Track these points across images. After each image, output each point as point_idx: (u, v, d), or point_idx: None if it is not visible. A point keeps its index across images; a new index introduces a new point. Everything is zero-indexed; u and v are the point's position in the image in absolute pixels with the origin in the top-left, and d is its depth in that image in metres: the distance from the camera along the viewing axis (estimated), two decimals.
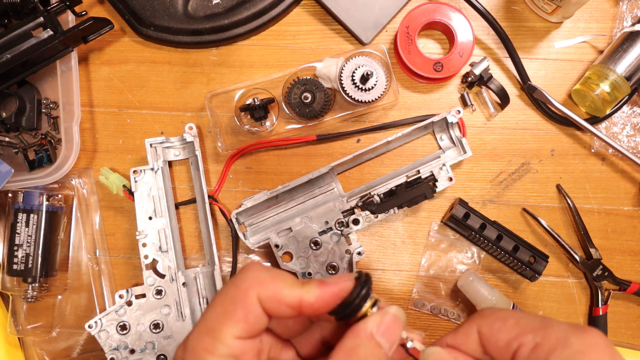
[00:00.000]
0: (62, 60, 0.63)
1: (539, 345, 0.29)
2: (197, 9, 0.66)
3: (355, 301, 0.30)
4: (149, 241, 0.62)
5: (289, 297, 0.30)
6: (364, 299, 0.31)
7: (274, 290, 0.30)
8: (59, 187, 0.65)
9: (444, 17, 0.64)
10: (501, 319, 0.32)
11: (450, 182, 0.63)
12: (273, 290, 0.30)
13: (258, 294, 0.30)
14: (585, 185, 0.67)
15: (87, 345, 0.66)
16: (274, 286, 0.30)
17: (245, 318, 0.30)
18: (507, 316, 0.32)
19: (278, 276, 0.31)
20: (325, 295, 0.31)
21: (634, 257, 0.67)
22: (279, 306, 0.30)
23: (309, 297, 0.30)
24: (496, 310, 0.33)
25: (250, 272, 0.31)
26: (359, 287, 0.31)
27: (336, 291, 0.31)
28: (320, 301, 0.31)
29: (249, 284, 0.30)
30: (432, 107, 0.68)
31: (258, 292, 0.30)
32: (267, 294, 0.30)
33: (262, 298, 0.30)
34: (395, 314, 0.31)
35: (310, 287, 0.31)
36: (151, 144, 0.63)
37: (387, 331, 0.30)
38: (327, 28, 0.69)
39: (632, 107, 0.68)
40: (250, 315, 0.30)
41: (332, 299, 0.31)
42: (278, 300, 0.30)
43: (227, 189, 0.67)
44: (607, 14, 0.68)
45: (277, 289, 0.30)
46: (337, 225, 0.63)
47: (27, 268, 0.62)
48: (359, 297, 0.30)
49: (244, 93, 0.65)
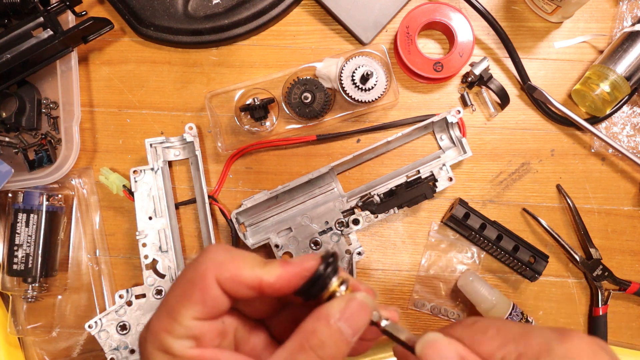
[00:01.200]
0: (62, 60, 0.63)
1: (522, 355, 0.28)
2: (197, 9, 0.66)
3: (320, 280, 0.29)
4: (149, 241, 0.62)
5: (248, 277, 0.30)
6: (329, 277, 0.30)
7: (233, 271, 0.30)
8: (59, 187, 0.65)
9: (444, 17, 0.64)
10: (481, 330, 0.31)
11: (450, 182, 0.63)
12: (232, 271, 0.30)
13: (216, 275, 0.30)
14: (585, 185, 0.67)
15: (87, 345, 0.66)
16: (233, 267, 0.30)
17: (202, 299, 0.30)
18: (487, 326, 0.31)
19: (238, 257, 0.31)
20: (287, 275, 0.30)
21: (634, 257, 0.67)
22: (238, 287, 0.30)
23: (269, 277, 0.30)
24: (476, 321, 0.33)
25: (209, 253, 0.31)
26: (324, 265, 0.30)
27: (298, 270, 0.30)
28: (282, 281, 0.30)
29: (206, 265, 0.30)
30: (432, 107, 0.68)
31: (216, 273, 0.30)
32: (226, 275, 0.30)
33: (220, 279, 0.30)
34: (362, 301, 0.29)
35: (272, 267, 0.30)
36: (151, 144, 0.63)
37: (352, 317, 0.29)
38: (327, 28, 0.69)
39: (632, 107, 0.68)
40: (208, 296, 0.30)
41: (294, 278, 0.30)
42: (237, 281, 0.30)
43: (227, 189, 0.67)
44: (607, 14, 0.68)
45: (236, 270, 0.30)
46: (337, 225, 0.63)
47: (27, 268, 0.62)
48: (323, 276, 0.29)
49: (244, 93, 0.65)
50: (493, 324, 0.31)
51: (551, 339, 0.28)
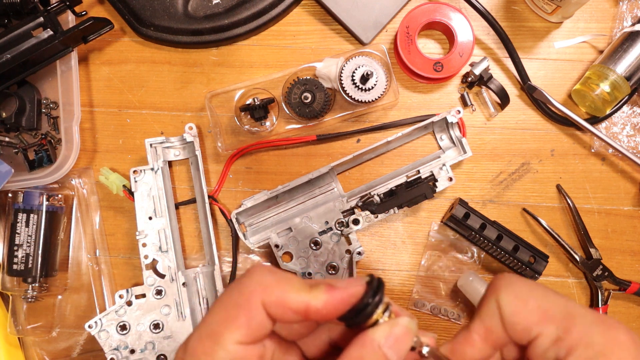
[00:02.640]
0: (62, 60, 0.63)
1: (560, 340, 0.28)
2: (197, 9, 0.66)
3: (367, 309, 0.29)
4: (149, 241, 0.62)
5: (295, 302, 0.29)
6: (375, 306, 0.29)
7: (279, 295, 0.29)
8: (59, 187, 0.65)
9: (444, 17, 0.64)
10: (521, 298, 0.30)
11: (450, 182, 0.63)
12: (278, 295, 0.29)
13: (262, 298, 0.29)
14: (585, 185, 0.67)
15: (87, 345, 0.66)
16: (279, 291, 0.29)
17: (247, 324, 0.29)
18: (528, 295, 0.30)
19: (284, 280, 0.30)
20: (334, 301, 0.29)
21: (634, 257, 0.67)
22: (284, 311, 0.29)
23: (316, 303, 0.29)
24: (515, 283, 0.31)
25: (254, 275, 0.30)
26: (371, 294, 0.29)
27: (345, 297, 0.29)
28: (329, 307, 0.29)
29: (252, 288, 0.29)
30: (432, 107, 0.68)
31: (262, 297, 0.29)
32: (272, 299, 0.29)
33: (266, 303, 0.29)
34: (406, 326, 0.29)
35: (318, 292, 0.29)
36: (151, 144, 0.63)
37: (396, 343, 0.29)
38: (327, 28, 0.69)
39: (632, 107, 0.68)
40: (253, 321, 0.29)
41: (340, 305, 0.29)
42: (283, 305, 0.29)
43: (227, 189, 0.67)
44: (607, 14, 0.68)
45: (282, 293, 0.29)
46: (337, 225, 0.63)
47: (27, 268, 0.62)
48: (370, 305, 0.29)
49: (244, 93, 0.65)
50: (533, 294, 0.30)
51: (593, 328, 0.27)
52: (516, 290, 0.30)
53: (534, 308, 0.29)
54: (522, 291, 0.30)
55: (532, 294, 0.30)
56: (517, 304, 0.30)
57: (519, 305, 0.30)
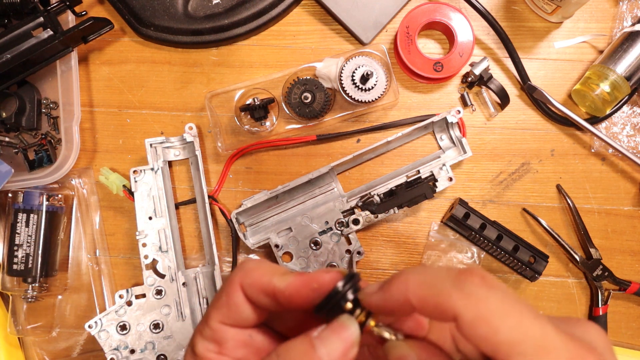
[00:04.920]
0: (62, 60, 0.63)
1: None
2: (197, 9, 0.66)
3: (335, 297, 0.28)
4: (149, 241, 0.62)
5: (264, 283, 0.30)
6: (343, 296, 0.28)
7: (255, 278, 0.31)
8: (59, 187, 0.65)
9: (444, 17, 0.64)
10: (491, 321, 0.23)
11: (450, 182, 0.63)
12: (253, 278, 0.31)
13: (241, 281, 0.31)
14: (585, 185, 0.67)
15: (87, 345, 0.66)
16: (257, 275, 0.31)
17: (227, 303, 0.31)
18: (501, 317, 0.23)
19: (264, 267, 0.31)
20: (297, 283, 0.29)
21: (634, 257, 0.67)
22: (257, 293, 0.31)
23: (280, 284, 0.30)
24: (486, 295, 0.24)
25: (242, 264, 0.33)
26: (342, 283, 0.28)
27: (307, 280, 0.30)
28: (291, 289, 0.30)
29: (235, 274, 0.32)
30: (432, 107, 0.68)
31: (241, 279, 0.31)
32: (248, 281, 0.31)
33: (243, 285, 0.31)
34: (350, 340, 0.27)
35: (287, 275, 0.31)
36: (151, 144, 0.63)
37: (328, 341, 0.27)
38: (327, 28, 0.69)
39: (632, 107, 0.68)
40: (231, 300, 0.31)
41: (303, 288, 0.29)
42: (255, 287, 0.31)
43: (227, 189, 0.67)
44: (607, 14, 0.68)
45: (258, 277, 0.31)
46: (337, 225, 0.63)
47: (27, 268, 0.62)
48: (340, 293, 0.28)
49: (244, 93, 0.65)
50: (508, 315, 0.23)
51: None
52: (489, 306, 0.23)
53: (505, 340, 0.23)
54: (494, 309, 0.23)
55: (507, 315, 0.23)
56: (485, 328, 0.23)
57: (487, 331, 0.23)
